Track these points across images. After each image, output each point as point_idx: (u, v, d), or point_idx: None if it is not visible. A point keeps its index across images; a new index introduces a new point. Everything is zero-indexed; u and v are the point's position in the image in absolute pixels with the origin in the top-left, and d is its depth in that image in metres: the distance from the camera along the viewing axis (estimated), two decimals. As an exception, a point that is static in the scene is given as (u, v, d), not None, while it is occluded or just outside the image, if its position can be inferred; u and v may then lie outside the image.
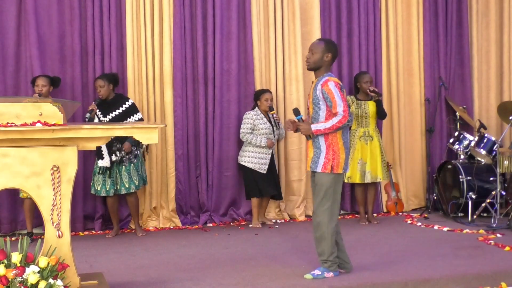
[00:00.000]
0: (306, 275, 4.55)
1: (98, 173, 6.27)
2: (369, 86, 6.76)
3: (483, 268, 4.79)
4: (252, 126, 6.72)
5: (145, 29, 6.79)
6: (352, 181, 6.85)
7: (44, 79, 6.16)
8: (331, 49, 4.60)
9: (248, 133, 6.72)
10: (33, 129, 3.75)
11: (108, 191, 6.26)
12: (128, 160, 6.30)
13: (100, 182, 6.26)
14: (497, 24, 8.00)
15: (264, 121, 6.74)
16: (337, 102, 4.45)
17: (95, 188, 6.32)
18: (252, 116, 6.75)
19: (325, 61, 4.58)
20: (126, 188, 6.29)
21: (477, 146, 6.98)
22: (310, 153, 4.60)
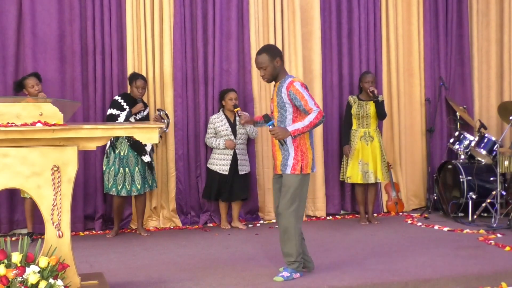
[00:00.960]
0: (276, 278, 4.52)
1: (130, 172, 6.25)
2: (369, 86, 6.76)
3: (483, 268, 4.79)
4: (214, 130, 6.72)
5: (145, 29, 6.79)
6: (352, 181, 6.85)
7: (33, 78, 6.10)
8: (274, 53, 4.62)
9: (210, 137, 6.74)
10: (33, 129, 3.75)
11: (139, 190, 6.29)
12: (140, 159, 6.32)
13: (128, 182, 6.23)
14: (498, 24, 8.00)
15: (224, 122, 6.70)
16: (307, 100, 4.47)
17: (117, 189, 6.25)
18: (213, 120, 6.75)
19: (277, 66, 4.60)
20: (137, 189, 6.31)
21: (477, 146, 6.98)
22: (278, 156, 4.59)
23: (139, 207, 6.50)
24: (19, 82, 6.15)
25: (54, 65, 6.56)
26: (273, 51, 4.64)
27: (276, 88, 4.63)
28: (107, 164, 6.31)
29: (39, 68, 6.45)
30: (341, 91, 7.45)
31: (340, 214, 7.50)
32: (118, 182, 6.25)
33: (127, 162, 6.26)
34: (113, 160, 6.27)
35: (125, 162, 6.26)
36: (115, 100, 6.34)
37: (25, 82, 6.10)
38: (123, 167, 6.25)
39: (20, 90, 6.13)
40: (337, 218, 7.37)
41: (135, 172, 6.27)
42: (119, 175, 6.25)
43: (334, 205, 7.46)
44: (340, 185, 7.46)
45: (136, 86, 6.32)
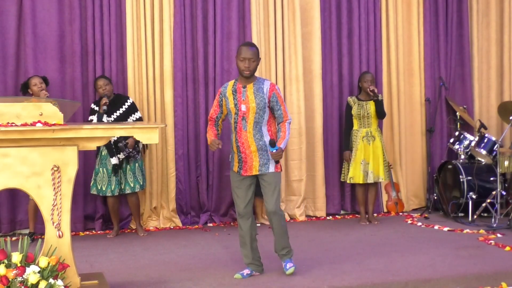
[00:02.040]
0: (290, 270, 4.63)
1: (103, 171, 6.24)
2: (369, 86, 6.77)
3: (483, 268, 4.79)
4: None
5: (145, 29, 6.79)
6: (354, 181, 6.84)
7: (39, 78, 6.14)
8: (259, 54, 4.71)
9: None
10: (33, 129, 3.75)
11: (113, 191, 6.26)
12: (133, 158, 6.31)
13: (105, 182, 6.25)
14: (498, 24, 8.00)
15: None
16: (285, 106, 4.68)
17: (97, 188, 6.30)
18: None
19: (256, 66, 4.64)
20: (131, 187, 6.31)
21: (477, 146, 6.98)
22: (255, 158, 4.59)
23: (132, 207, 6.50)
24: (24, 83, 6.18)
25: (54, 65, 6.56)
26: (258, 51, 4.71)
27: (251, 88, 4.59)
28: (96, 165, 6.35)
29: (39, 68, 6.45)
30: (341, 91, 7.45)
31: (340, 214, 7.50)
32: (98, 182, 6.29)
33: (105, 163, 6.27)
34: (97, 160, 6.32)
35: (103, 162, 6.27)
36: (91, 108, 6.39)
37: (29, 82, 6.13)
38: (102, 167, 6.27)
39: (26, 90, 6.16)
40: (337, 218, 7.37)
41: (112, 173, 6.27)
42: (98, 175, 6.28)
43: (334, 205, 7.46)
44: (340, 185, 7.46)
45: (98, 86, 6.32)
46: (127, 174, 6.29)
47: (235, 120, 4.61)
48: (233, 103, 4.59)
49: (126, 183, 6.30)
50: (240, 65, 4.56)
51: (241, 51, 4.57)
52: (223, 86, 4.71)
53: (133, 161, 6.33)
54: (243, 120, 4.58)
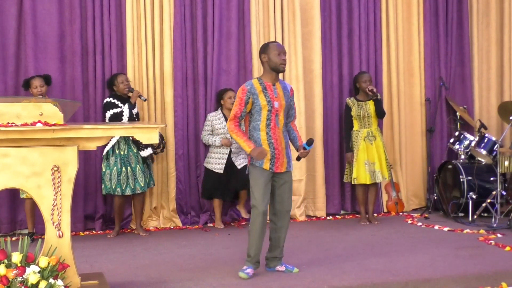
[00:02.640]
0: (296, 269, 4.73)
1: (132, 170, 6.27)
2: (368, 85, 6.76)
3: (483, 268, 4.79)
4: (211, 127, 6.73)
5: (145, 29, 6.79)
6: (359, 182, 6.82)
7: (40, 79, 6.13)
8: None
9: (206, 134, 6.74)
10: (33, 129, 3.75)
11: (143, 187, 6.31)
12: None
13: (131, 180, 6.25)
14: (498, 24, 8.00)
15: (221, 121, 6.71)
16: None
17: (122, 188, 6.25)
18: (210, 118, 6.75)
19: None
20: (141, 186, 6.33)
21: (477, 146, 6.98)
22: (285, 158, 4.69)
23: (137, 206, 6.50)
24: (27, 80, 6.17)
25: (54, 65, 6.56)
26: None
27: (279, 86, 4.66)
28: (107, 166, 6.30)
29: (39, 68, 6.45)
30: (341, 91, 7.45)
31: (340, 214, 7.50)
32: (122, 181, 6.25)
33: (128, 161, 6.27)
34: (114, 161, 6.26)
35: (126, 161, 6.27)
36: (109, 102, 6.32)
37: (30, 82, 6.13)
38: (125, 166, 6.26)
39: (27, 88, 6.16)
40: (337, 218, 7.37)
41: (137, 170, 6.29)
42: (122, 175, 6.25)
43: (334, 205, 7.46)
44: (340, 185, 7.46)
45: (120, 81, 6.35)
46: (137, 174, 6.31)
47: (267, 117, 4.57)
48: (265, 100, 4.56)
49: (137, 182, 6.31)
50: (277, 60, 4.58)
51: (275, 47, 4.62)
52: (247, 85, 4.61)
53: (142, 160, 6.36)
54: (276, 117, 4.60)
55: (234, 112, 4.60)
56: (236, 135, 4.57)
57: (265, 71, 4.68)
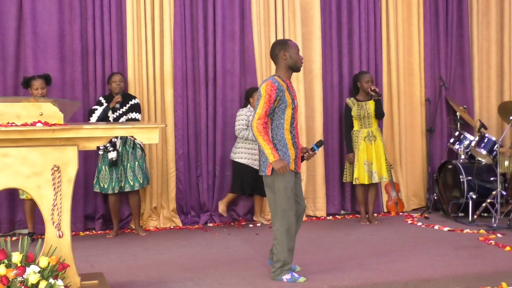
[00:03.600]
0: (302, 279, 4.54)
1: (105, 169, 6.25)
2: (370, 85, 6.77)
3: (483, 268, 4.79)
4: (247, 122, 6.71)
5: (145, 29, 6.79)
6: (359, 182, 6.82)
7: (40, 80, 6.11)
8: None
9: (243, 129, 6.71)
10: (33, 129, 3.75)
11: (113, 188, 6.27)
12: (133, 156, 6.33)
13: (107, 180, 6.25)
14: (498, 24, 8.00)
15: None
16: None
17: (100, 186, 6.30)
18: (246, 113, 6.74)
19: None
20: (130, 185, 6.31)
21: (477, 146, 6.98)
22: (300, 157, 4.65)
23: (132, 206, 6.51)
24: (27, 79, 6.16)
25: (54, 65, 6.56)
26: None
27: (292, 87, 4.61)
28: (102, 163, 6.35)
29: (39, 68, 6.45)
30: (341, 91, 7.45)
31: (340, 214, 7.50)
32: (101, 180, 6.28)
33: (107, 160, 6.26)
34: (100, 158, 6.32)
35: (105, 160, 6.28)
36: (98, 100, 6.42)
37: (31, 82, 6.12)
38: (104, 165, 6.28)
39: (26, 87, 6.16)
40: (337, 218, 7.37)
41: (128, 168, 6.27)
42: (101, 173, 6.28)
43: (334, 205, 7.46)
44: (340, 185, 7.46)
45: (113, 81, 6.36)
46: (127, 172, 6.30)
47: (292, 116, 4.47)
48: (290, 98, 4.46)
49: (126, 181, 6.30)
50: (297, 58, 4.54)
51: (294, 45, 4.56)
52: (274, 81, 4.41)
53: (133, 159, 6.33)
54: (296, 114, 4.54)
55: (263, 111, 4.34)
56: (263, 138, 4.34)
57: (281, 69, 4.54)
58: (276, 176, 4.41)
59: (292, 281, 4.46)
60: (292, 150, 4.46)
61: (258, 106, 4.37)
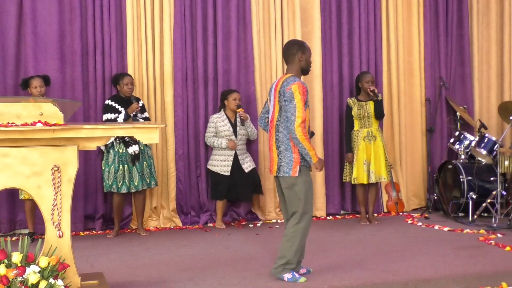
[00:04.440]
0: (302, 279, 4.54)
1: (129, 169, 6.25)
2: (370, 86, 6.77)
3: (483, 268, 4.79)
4: (215, 129, 6.71)
5: (145, 29, 6.79)
6: (358, 182, 6.82)
7: (39, 80, 6.12)
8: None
9: (210, 136, 6.72)
10: (33, 129, 3.75)
11: (137, 186, 6.30)
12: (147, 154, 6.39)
13: (126, 178, 6.25)
14: (498, 24, 8.00)
15: (225, 123, 6.70)
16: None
17: (117, 186, 6.25)
18: (214, 119, 6.74)
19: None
20: (147, 183, 6.38)
21: (477, 146, 6.98)
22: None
23: (138, 206, 6.51)
24: (26, 80, 6.16)
25: (54, 65, 6.56)
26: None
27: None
28: (105, 163, 6.33)
29: (39, 67, 6.45)
30: (341, 91, 7.45)
31: (340, 214, 7.49)
32: (118, 179, 6.26)
33: (126, 160, 6.27)
34: (112, 158, 6.28)
35: (123, 159, 6.27)
36: (108, 105, 6.35)
37: (29, 82, 6.12)
38: (122, 164, 6.26)
39: (25, 88, 6.16)
40: (337, 218, 7.37)
41: (133, 169, 6.28)
42: (119, 172, 6.26)
43: (334, 205, 7.46)
44: (340, 185, 7.45)
45: (125, 83, 6.34)
46: (144, 171, 6.35)
47: (308, 118, 4.50)
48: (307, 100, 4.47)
49: (144, 180, 6.34)
50: (310, 62, 4.57)
51: (309, 48, 4.58)
52: (303, 82, 4.41)
53: (148, 157, 6.38)
54: (308, 115, 4.54)
55: (302, 116, 4.31)
56: (308, 142, 4.32)
57: (294, 70, 4.52)
58: (299, 177, 4.43)
59: (293, 281, 4.45)
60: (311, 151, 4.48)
61: (296, 110, 4.32)
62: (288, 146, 4.43)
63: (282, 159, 4.46)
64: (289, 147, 4.43)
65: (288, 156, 4.43)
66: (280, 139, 4.46)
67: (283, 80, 4.48)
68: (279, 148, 4.46)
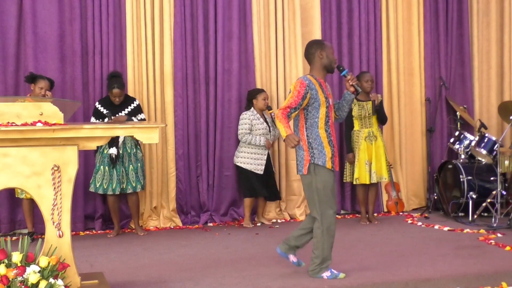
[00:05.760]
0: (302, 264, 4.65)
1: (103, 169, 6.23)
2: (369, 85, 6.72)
3: (483, 267, 4.79)
4: (250, 126, 6.71)
5: (145, 29, 6.79)
6: (360, 182, 6.81)
7: (46, 81, 6.14)
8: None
9: (247, 133, 6.70)
10: (33, 129, 3.75)
11: (114, 189, 6.26)
12: (134, 157, 6.33)
13: (106, 180, 6.25)
14: (498, 24, 8.00)
15: (261, 121, 6.73)
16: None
17: (96, 186, 6.28)
18: (249, 117, 6.73)
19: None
20: (133, 187, 6.32)
21: (477, 145, 6.98)
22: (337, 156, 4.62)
23: (131, 207, 6.51)
24: (34, 76, 6.14)
25: (54, 64, 6.57)
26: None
27: (328, 85, 4.62)
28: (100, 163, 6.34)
29: (39, 67, 6.46)
30: (341, 91, 7.44)
31: (340, 214, 7.49)
32: (97, 179, 6.28)
33: (108, 161, 6.25)
34: (97, 158, 6.32)
35: (106, 161, 6.27)
36: (95, 108, 6.34)
37: (37, 80, 6.11)
38: (103, 165, 6.27)
39: (30, 82, 6.14)
40: (337, 218, 7.35)
41: (113, 171, 6.25)
42: (98, 173, 6.27)
43: (334, 205, 7.45)
44: (340, 185, 7.45)
45: (113, 95, 6.24)
46: (129, 174, 6.30)
47: (326, 114, 4.47)
48: (323, 96, 4.47)
49: (128, 182, 6.30)
50: (333, 58, 4.56)
51: (330, 45, 4.60)
52: (305, 79, 4.45)
53: (135, 160, 6.33)
54: (331, 113, 4.54)
55: (288, 103, 4.39)
56: (280, 121, 4.38)
57: (316, 68, 4.56)
58: (314, 175, 4.44)
59: (333, 278, 4.48)
60: (328, 148, 4.46)
61: (286, 98, 4.47)
62: (300, 145, 4.46)
63: (297, 157, 4.54)
64: (301, 145, 4.46)
65: (300, 154, 4.49)
66: None
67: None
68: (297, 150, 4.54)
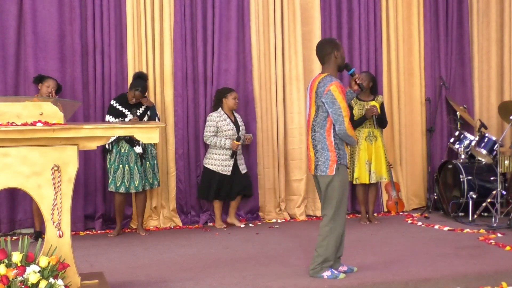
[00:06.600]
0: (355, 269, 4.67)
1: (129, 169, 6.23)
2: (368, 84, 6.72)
3: (483, 267, 4.79)
4: (216, 128, 6.66)
5: (145, 29, 6.79)
6: (360, 182, 6.81)
7: (54, 82, 6.16)
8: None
9: (211, 136, 6.65)
10: (33, 129, 3.75)
11: (137, 187, 6.28)
12: (151, 154, 6.39)
13: (127, 178, 6.24)
14: (498, 24, 8.00)
15: (228, 121, 6.67)
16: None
17: (116, 185, 6.24)
18: (215, 118, 6.68)
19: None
20: (150, 183, 6.40)
21: (477, 145, 6.98)
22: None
23: (139, 205, 6.51)
24: (42, 76, 6.17)
25: (54, 64, 6.56)
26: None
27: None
28: (109, 161, 6.33)
29: (39, 67, 6.46)
30: (341, 91, 7.44)
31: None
32: (117, 178, 6.26)
33: (127, 159, 6.27)
34: (114, 157, 6.28)
35: (125, 159, 6.27)
36: (111, 106, 6.35)
37: (45, 80, 6.13)
38: (122, 164, 6.26)
39: (38, 83, 6.16)
40: (337, 217, 7.35)
41: (135, 169, 6.28)
42: (118, 172, 6.26)
43: (334, 205, 7.44)
44: (340, 185, 7.44)
45: (135, 96, 6.27)
46: (147, 171, 6.34)
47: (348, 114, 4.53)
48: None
49: (146, 180, 6.34)
50: (344, 58, 4.59)
51: (341, 44, 4.61)
52: (338, 81, 4.46)
53: (152, 157, 6.38)
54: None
55: (346, 111, 4.39)
56: (351, 133, 4.44)
57: (331, 68, 4.55)
58: (336, 176, 4.46)
59: (333, 278, 4.48)
60: (346, 148, 4.55)
61: (342, 110, 4.37)
62: (324, 145, 4.45)
63: (319, 158, 4.48)
64: (326, 146, 4.45)
65: (325, 155, 4.46)
66: (317, 138, 4.48)
67: (319, 80, 4.49)
68: (315, 147, 4.49)
